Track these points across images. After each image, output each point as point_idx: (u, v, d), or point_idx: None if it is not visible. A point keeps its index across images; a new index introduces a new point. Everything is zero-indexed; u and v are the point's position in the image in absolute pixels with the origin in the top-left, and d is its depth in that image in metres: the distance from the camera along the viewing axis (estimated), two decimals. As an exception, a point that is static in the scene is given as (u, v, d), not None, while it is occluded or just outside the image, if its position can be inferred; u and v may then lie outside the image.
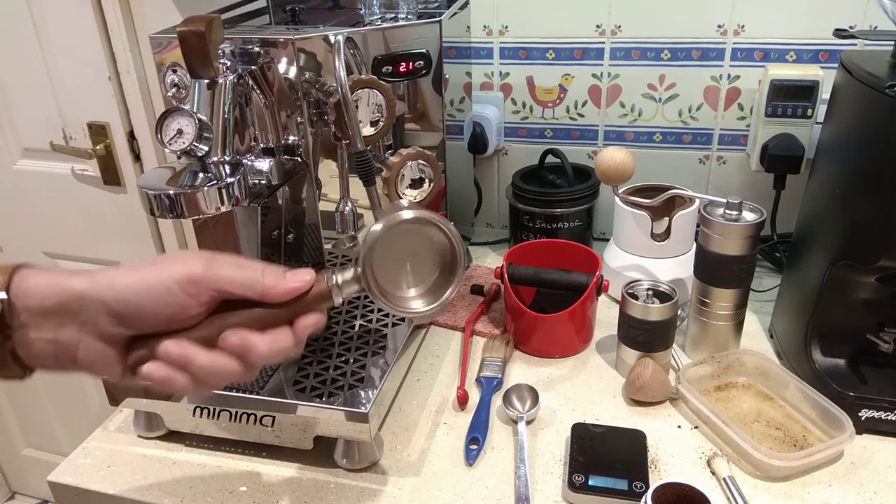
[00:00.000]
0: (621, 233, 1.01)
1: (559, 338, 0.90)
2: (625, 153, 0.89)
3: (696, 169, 1.14)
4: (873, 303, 0.77)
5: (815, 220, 0.83)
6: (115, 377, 0.48)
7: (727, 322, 0.85)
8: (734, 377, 0.83)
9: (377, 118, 0.76)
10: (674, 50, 1.07)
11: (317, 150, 0.81)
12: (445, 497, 0.70)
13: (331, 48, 0.76)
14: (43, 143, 1.47)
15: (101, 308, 0.46)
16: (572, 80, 1.13)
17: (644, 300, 0.83)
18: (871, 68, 0.71)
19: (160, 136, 0.68)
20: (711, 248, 0.81)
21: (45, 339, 0.46)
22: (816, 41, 1.01)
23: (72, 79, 1.38)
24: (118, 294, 0.46)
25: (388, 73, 0.83)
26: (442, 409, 0.82)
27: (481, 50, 1.15)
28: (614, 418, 0.80)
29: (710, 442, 0.76)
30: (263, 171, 0.81)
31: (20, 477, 2.05)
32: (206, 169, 0.69)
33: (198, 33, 0.64)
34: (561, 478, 0.72)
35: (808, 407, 0.76)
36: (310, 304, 0.50)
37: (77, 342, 0.46)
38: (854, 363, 0.79)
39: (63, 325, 0.46)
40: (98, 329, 0.46)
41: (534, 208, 1.06)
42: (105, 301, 0.46)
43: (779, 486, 0.70)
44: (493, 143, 1.16)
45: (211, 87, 0.70)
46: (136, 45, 1.34)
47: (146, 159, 1.45)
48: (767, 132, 1.02)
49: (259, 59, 0.76)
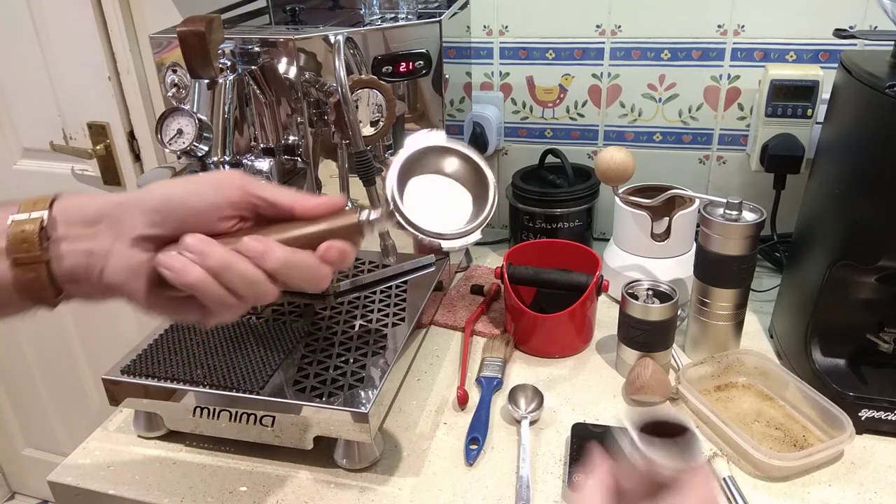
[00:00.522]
0: (621, 233, 1.01)
1: (559, 338, 0.90)
2: (625, 153, 0.89)
3: (696, 169, 1.14)
4: (873, 303, 0.77)
5: (815, 220, 0.83)
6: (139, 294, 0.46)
7: (727, 322, 0.85)
8: (734, 377, 0.83)
9: (377, 118, 0.76)
10: (674, 50, 1.07)
11: (317, 150, 0.82)
12: (445, 497, 0.70)
13: (331, 48, 0.76)
14: (43, 143, 1.47)
15: (139, 210, 0.46)
16: (572, 80, 1.13)
17: (644, 300, 0.83)
18: (871, 68, 0.71)
19: (160, 136, 0.68)
20: (711, 248, 0.81)
21: (80, 249, 0.45)
22: (816, 41, 1.01)
23: (72, 79, 1.39)
24: (156, 195, 0.47)
25: (388, 73, 0.83)
26: (442, 409, 0.82)
27: (481, 50, 1.15)
28: (614, 418, 0.80)
29: (710, 442, 0.76)
30: (263, 171, 0.81)
31: (20, 477, 2.05)
32: (206, 169, 0.69)
33: (198, 33, 0.64)
34: (561, 478, 0.72)
35: (808, 407, 0.76)
36: (339, 233, 0.49)
37: (109, 251, 0.46)
38: (854, 363, 0.79)
39: (99, 234, 0.46)
40: (133, 232, 0.46)
41: (534, 208, 1.06)
42: (143, 203, 0.46)
43: (779, 486, 0.70)
44: (493, 143, 1.16)
45: (211, 87, 0.70)
46: (136, 45, 1.34)
47: (146, 159, 1.45)
48: (767, 132, 1.02)
49: (259, 59, 0.76)
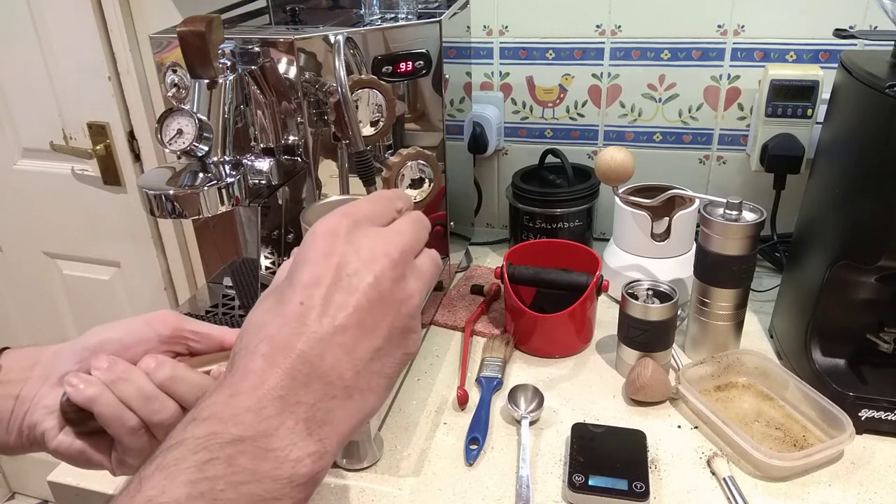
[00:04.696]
0: (621, 233, 1.01)
1: (559, 338, 0.90)
2: (625, 153, 0.89)
3: (696, 169, 1.14)
4: (873, 303, 0.77)
5: (815, 220, 0.83)
6: (53, 432, 0.47)
7: (727, 322, 0.85)
8: (734, 377, 0.83)
9: (377, 118, 0.76)
10: (674, 50, 1.07)
11: (317, 150, 0.82)
12: (445, 497, 0.70)
13: (331, 48, 0.76)
14: (43, 143, 1.47)
15: (71, 352, 0.48)
16: (572, 80, 1.13)
17: (644, 300, 0.83)
18: (871, 68, 0.71)
19: (160, 136, 0.68)
20: (711, 248, 0.81)
21: (9, 393, 0.47)
22: (816, 41, 1.01)
23: (72, 79, 1.38)
24: (92, 339, 0.48)
25: (388, 73, 0.83)
26: (442, 409, 0.82)
27: (481, 50, 1.15)
28: (614, 418, 0.80)
29: (710, 442, 0.76)
30: (263, 171, 0.81)
31: (20, 477, 2.05)
32: (206, 169, 0.70)
33: (198, 33, 0.64)
34: (561, 478, 0.72)
35: (808, 407, 0.76)
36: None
37: (35, 394, 0.47)
38: (854, 363, 0.79)
39: (31, 379, 0.48)
40: (61, 372, 0.47)
41: (534, 208, 1.06)
42: (77, 345, 0.48)
43: (779, 486, 0.70)
44: (493, 143, 1.16)
45: (211, 87, 0.70)
46: (136, 45, 1.34)
47: (146, 159, 1.45)
48: (767, 132, 1.02)
49: (259, 59, 0.76)
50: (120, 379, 0.45)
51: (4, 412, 0.47)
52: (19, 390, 0.47)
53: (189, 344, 0.50)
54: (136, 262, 1.56)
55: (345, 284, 0.36)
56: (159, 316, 0.50)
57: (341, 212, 0.38)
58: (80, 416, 0.45)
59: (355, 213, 0.38)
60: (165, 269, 1.56)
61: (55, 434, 0.47)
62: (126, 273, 1.59)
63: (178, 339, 0.49)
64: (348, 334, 0.35)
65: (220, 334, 0.50)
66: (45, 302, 1.70)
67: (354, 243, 0.37)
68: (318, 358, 0.34)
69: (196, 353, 0.50)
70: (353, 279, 0.36)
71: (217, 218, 0.84)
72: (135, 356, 0.47)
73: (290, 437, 0.33)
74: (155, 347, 0.48)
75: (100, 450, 0.47)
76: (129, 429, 0.45)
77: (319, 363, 0.34)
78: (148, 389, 0.45)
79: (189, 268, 1.55)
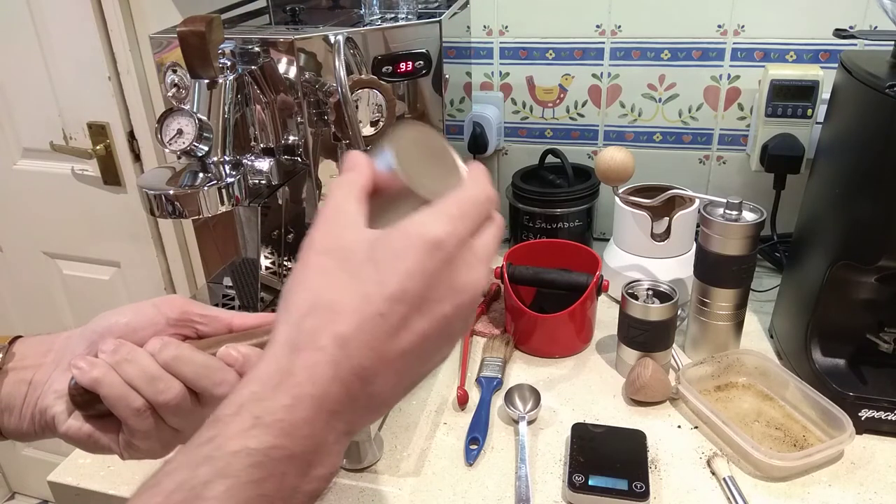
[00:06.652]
0: (621, 233, 1.01)
1: (559, 338, 0.90)
2: (625, 153, 0.89)
3: (696, 169, 1.14)
4: (873, 303, 0.77)
5: (815, 220, 0.83)
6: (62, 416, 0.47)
7: (727, 322, 0.85)
8: (734, 377, 0.83)
9: (377, 118, 0.76)
10: (674, 50, 1.07)
11: (317, 150, 0.81)
12: (445, 497, 0.70)
13: (331, 48, 0.76)
14: (43, 143, 1.47)
15: (82, 337, 0.48)
16: (572, 80, 1.13)
17: (644, 300, 0.83)
18: (871, 68, 0.71)
19: (160, 136, 0.68)
20: (711, 248, 0.81)
21: (22, 378, 0.48)
22: (816, 41, 1.01)
23: (72, 79, 1.38)
24: (102, 322, 0.49)
25: (388, 73, 0.83)
26: (442, 409, 0.82)
27: (481, 50, 1.15)
28: (614, 418, 0.80)
29: (710, 442, 0.76)
30: (263, 171, 0.81)
31: (20, 477, 2.05)
32: (206, 169, 0.69)
33: (198, 33, 0.64)
34: (561, 478, 0.72)
35: (808, 407, 0.76)
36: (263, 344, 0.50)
37: (47, 379, 0.48)
38: (854, 363, 0.79)
39: (44, 365, 0.48)
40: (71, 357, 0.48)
41: (534, 208, 1.06)
42: (87, 329, 0.48)
43: (779, 486, 0.70)
44: (493, 143, 1.16)
45: (211, 87, 0.70)
46: (136, 45, 1.34)
47: (146, 159, 1.45)
48: (767, 132, 1.02)
49: (259, 59, 0.76)
50: (124, 360, 0.45)
51: (18, 398, 0.47)
52: (32, 376, 0.48)
53: (197, 327, 0.50)
54: (136, 262, 1.56)
55: (426, 309, 0.34)
56: (167, 299, 0.50)
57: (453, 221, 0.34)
58: (88, 399, 0.46)
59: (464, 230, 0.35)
60: (165, 269, 1.56)
61: (65, 418, 0.47)
62: (126, 273, 1.59)
63: (186, 321, 0.49)
64: (407, 360, 0.34)
65: (227, 317, 0.50)
66: (45, 302, 1.70)
67: (454, 266, 0.34)
68: (373, 376, 0.33)
69: (204, 335, 0.50)
70: (433, 306, 0.34)
71: (217, 218, 0.84)
72: (143, 339, 0.47)
73: (327, 454, 0.33)
74: (163, 330, 0.48)
75: (108, 433, 0.47)
76: (134, 409, 0.45)
77: (372, 382, 0.33)
78: (152, 370, 0.45)
79: (189, 268, 1.55)
